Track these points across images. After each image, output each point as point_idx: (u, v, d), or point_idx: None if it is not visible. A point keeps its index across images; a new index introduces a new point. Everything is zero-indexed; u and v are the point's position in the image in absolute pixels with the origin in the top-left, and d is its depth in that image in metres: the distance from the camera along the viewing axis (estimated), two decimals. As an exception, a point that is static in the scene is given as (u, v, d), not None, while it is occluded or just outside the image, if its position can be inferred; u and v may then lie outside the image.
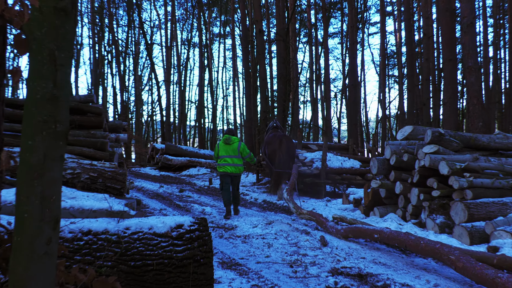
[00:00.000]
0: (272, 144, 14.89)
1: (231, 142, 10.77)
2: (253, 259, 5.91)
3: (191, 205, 11.59)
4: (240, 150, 10.81)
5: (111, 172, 7.77)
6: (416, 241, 5.69)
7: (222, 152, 10.74)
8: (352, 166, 15.08)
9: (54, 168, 1.95)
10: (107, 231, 3.61)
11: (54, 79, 1.94)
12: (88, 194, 6.52)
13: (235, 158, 10.72)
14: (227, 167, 10.63)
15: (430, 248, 5.42)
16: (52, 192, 1.94)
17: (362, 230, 6.91)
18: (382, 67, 36.50)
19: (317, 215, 8.84)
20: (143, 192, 14.96)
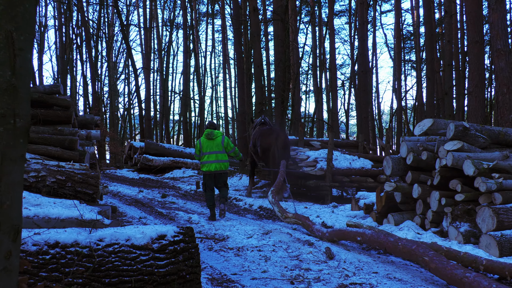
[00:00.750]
0: (268, 138, 15.17)
1: (214, 136, 11.26)
2: (248, 275, 5.92)
3: (175, 212, 11.60)
4: (224, 145, 11.29)
5: (81, 175, 7.76)
6: (395, 243, 6.35)
7: (205, 149, 11.20)
8: (363, 167, 15.11)
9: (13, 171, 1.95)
10: (77, 243, 3.61)
11: (12, 65, 1.93)
12: (55, 201, 6.51)
13: (220, 154, 11.20)
14: (212, 164, 11.15)
15: (407, 250, 6.09)
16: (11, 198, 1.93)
17: (345, 232, 7.65)
18: (397, 51, 36.58)
19: (303, 218, 9.39)
20: (119, 197, 14.95)
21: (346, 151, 16.38)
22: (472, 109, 15.70)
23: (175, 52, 47.69)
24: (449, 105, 24.93)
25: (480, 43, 15.97)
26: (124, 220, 10.30)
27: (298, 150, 15.63)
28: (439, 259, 5.59)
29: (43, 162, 8.20)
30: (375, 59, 42.22)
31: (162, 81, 41.89)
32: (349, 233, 7.54)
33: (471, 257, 5.95)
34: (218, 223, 9.99)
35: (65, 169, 7.86)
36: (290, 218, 9.97)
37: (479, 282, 4.74)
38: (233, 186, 19.05)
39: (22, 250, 3.45)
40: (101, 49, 43.24)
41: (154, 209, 12.26)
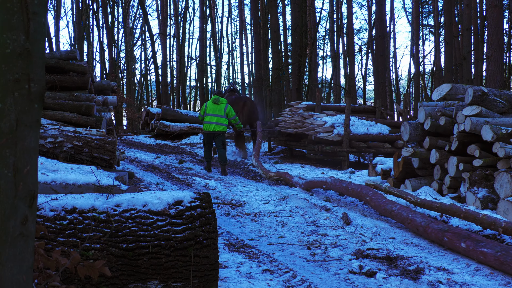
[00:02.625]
0: (234, 106, 16.36)
1: (219, 102, 13.10)
2: (265, 240, 5.93)
3: (192, 178, 11.63)
4: (227, 112, 13.11)
5: (98, 141, 7.77)
6: (346, 187, 8.30)
7: (208, 110, 13.08)
8: (380, 132, 15.03)
9: (28, 136, 1.93)
10: (94, 208, 3.62)
11: (26, 30, 1.90)
12: (72, 166, 6.54)
13: (220, 118, 13.00)
14: (212, 125, 12.98)
15: (355, 192, 7.99)
16: (27, 163, 1.92)
17: (314, 182, 9.60)
18: (415, 15, 36.06)
19: (283, 174, 11.26)
20: (136, 163, 15.02)
21: (363, 117, 16.28)
22: (490, 74, 15.51)
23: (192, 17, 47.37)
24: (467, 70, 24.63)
25: (499, 7, 15.70)
26: (141, 186, 10.35)
27: (315, 116, 15.57)
28: (376, 198, 7.34)
29: (60, 128, 8.22)
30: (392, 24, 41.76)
31: (179, 47, 41.71)
32: (316, 182, 9.48)
33: (490, 219, 5.91)
34: (235, 188, 10.01)
35: (82, 135, 7.88)
36: (273, 176, 11.69)
37: (401, 213, 6.55)
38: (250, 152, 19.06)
39: (40, 216, 3.46)
40: (117, 15, 43.07)
41: (171, 175, 12.31)
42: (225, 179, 11.68)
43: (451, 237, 5.49)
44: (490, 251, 4.90)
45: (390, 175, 10.74)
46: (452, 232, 5.55)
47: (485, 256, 4.95)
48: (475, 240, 5.20)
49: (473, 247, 5.12)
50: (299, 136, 16.86)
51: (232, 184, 10.79)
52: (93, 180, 5.50)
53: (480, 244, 5.07)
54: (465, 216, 6.29)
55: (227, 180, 11.51)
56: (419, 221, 6.12)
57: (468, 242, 5.23)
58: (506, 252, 4.78)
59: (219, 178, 11.89)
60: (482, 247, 5.01)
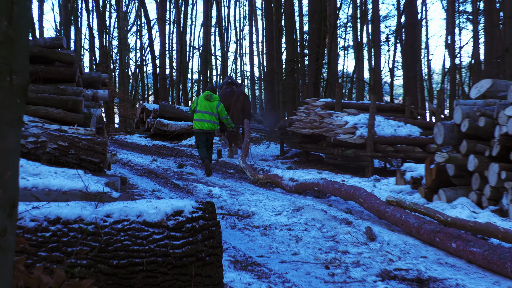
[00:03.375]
0: (227, 99, 17.56)
1: (212, 99, 13.82)
2: (276, 257, 5.93)
3: (193, 185, 11.65)
4: (219, 110, 13.85)
5: (86, 141, 7.79)
6: (339, 189, 9.12)
7: (200, 107, 13.74)
8: (409, 134, 15.00)
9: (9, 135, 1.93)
10: (81, 219, 3.62)
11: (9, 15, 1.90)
12: (56, 170, 6.55)
13: (213, 115, 13.73)
14: (204, 123, 13.68)
15: (348, 194, 8.81)
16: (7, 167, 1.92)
17: (306, 184, 10.48)
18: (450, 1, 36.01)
19: (272, 176, 12.07)
20: (130, 167, 15.05)
21: (390, 116, 16.26)
22: (538, 68, 15.42)
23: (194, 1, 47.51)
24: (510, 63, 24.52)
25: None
26: (135, 193, 10.36)
27: (335, 115, 15.55)
28: (369, 199, 8.12)
29: (43, 125, 8.24)
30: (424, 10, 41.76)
31: (179, 34, 41.76)
32: (308, 184, 10.39)
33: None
34: (242, 197, 10.00)
35: (68, 134, 7.89)
36: (262, 179, 12.40)
37: (394, 215, 7.32)
38: (260, 155, 19.09)
39: (19, 227, 3.47)
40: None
41: (170, 181, 12.33)
42: (231, 187, 11.69)
43: (442, 238, 6.23)
44: (478, 250, 5.60)
45: (421, 184, 10.70)
46: (443, 232, 6.28)
47: (473, 256, 5.65)
48: (465, 240, 5.92)
49: (463, 247, 5.84)
50: (316, 138, 16.85)
51: (239, 192, 10.79)
52: (80, 186, 5.51)
53: (469, 244, 5.77)
54: (504, 236, 6.24)
55: (234, 188, 11.51)
56: (412, 222, 6.89)
57: (459, 242, 5.93)
58: (493, 251, 5.45)
59: (224, 185, 11.90)
60: (471, 246, 5.71)
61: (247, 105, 18.50)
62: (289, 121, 18.80)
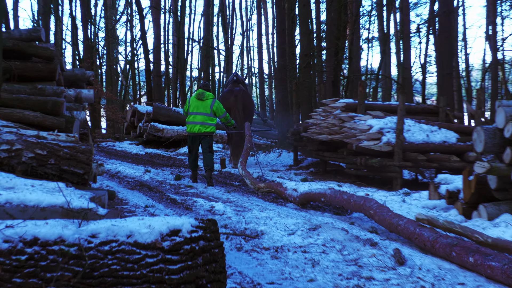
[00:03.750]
0: (226, 101, 17.99)
1: (204, 98, 14.28)
2: (289, 285, 5.91)
3: (193, 199, 11.65)
4: (214, 109, 14.28)
5: (68, 149, 7.79)
6: (348, 200, 9.43)
7: (192, 108, 14.22)
8: (445, 140, 14.96)
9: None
10: (62, 239, 3.62)
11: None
12: (33, 183, 6.55)
13: (207, 116, 14.19)
14: (196, 125, 14.18)
15: (358, 205, 9.08)
16: (-26, 179, 1.93)
17: (311, 194, 10.85)
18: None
19: (275, 185, 12.45)
20: (119, 179, 15.08)
21: (422, 120, 16.23)
22: None
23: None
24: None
25: None
26: (125, 209, 10.37)
27: (357, 118, 15.53)
28: (381, 211, 8.38)
29: (18, 131, 8.25)
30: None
31: (177, 25, 41.89)
32: (314, 194, 10.75)
33: None
34: (249, 214, 9.99)
35: (47, 141, 7.89)
36: (262, 188, 12.89)
37: (408, 228, 7.56)
38: (270, 165, 19.11)
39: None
40: (95, -18, 43.41)
41: (165, 195, 12.34)
42: (236, 202, 11.69)
43: (459, 252, 6.47)
44: (498, 264, 5.80)
45: (459, 198, 10.66)
46: (460, 246, 6.51)
47: (492, 270, 5.86)
48: (483, 253, 6.12)
49: (481, 261, 6.04)
50: (336, 145, 16.85)
51: (245, 208, 10.78)
52: (61, 202, 5.51)
53: (488, 258, 5.99)
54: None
55: (239, 203, 11.51)
56: (426, 235, 7.15)
57: (477, 256, 6.14)
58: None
59: (228, 200, 11.90)
60: (490, 260, 5.93)
61: (249, 103, 19.01)
62: (304, 126, 18.78)
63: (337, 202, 9.90)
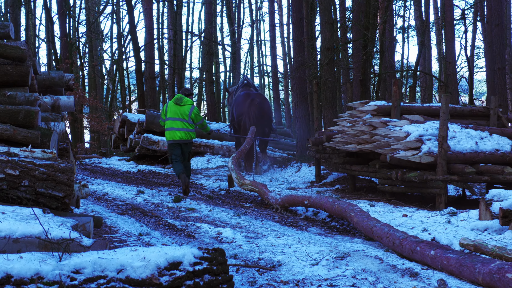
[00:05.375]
0: (241, 105, 19.34)
1: (182, 103, 15.80)
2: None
3: (196, 225, 11.65)
4: (192, 116, 15.88)
5: (45, 168, 7.82)
6: (332, 203, 11.23)
7: (170, 113, 15.67)
8: (497, 149, 14.88)
9: None
10: (40, 277, 3.62)
11: None
12: (3, 209, 6.57)
13: (185, 122, 15.81)
14: (176, 132, 15.76)
15: (340, 209, 10.86)
16: None
17: (295, 197, 12.66)
18: (551, -40, 35.94)
19: (259, 185, 14.34)
20: (107, 202, 15.08)
21: (469, 124, 16.18)
22: None
23: (192, -31, 47.76)
24: None
25: None
26: (114, 239, 10.37)
27: (391, 124, 15.50)
28: (361, 214, 10.10)
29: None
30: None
31: (173, 17, 41.95)
32: (298, 198, 12.54)
33: None
34: (263, 241, 9.96)
35: (19, 159, 7.91)
36: (247, 185, 14.99)
37: (382, 229, 9.09)
38: (287, 181, 19.11)
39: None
40: (74, -33, 43.54)
41: (163, 220, 12.33)
42: (248, 226, 11.65)
43: (423, 247, 7.95)
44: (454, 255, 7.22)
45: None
46: (426, 243, 8.07)
47: (448, 261, 7.25)
48: (444, 248, 7.67)
49: (440, 254, 7.46)
50: (366, 157, 16.82)
51: (259, 233, 10.76)
52: (37, 231, 5.52)
53: (448, 251, 7.45)
54: None
55: (252, 228, 11.48)
56: (398, 235, 8.67)
57: (438, 250, 7.62)
58: (468, 256, 7.04)
59: (238, 225, 11.88)
60: (449, 253, 7.37)
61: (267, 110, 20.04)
62: (327, 134, 18.70)
63: (321, 205, 11.69)
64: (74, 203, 8.80)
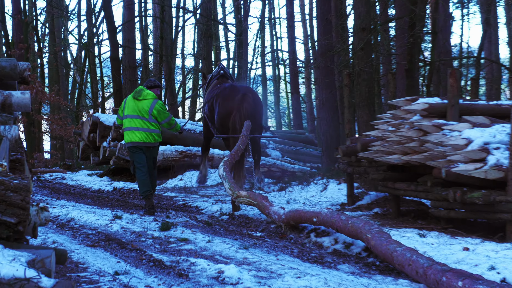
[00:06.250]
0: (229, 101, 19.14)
1: (141, 97, 15.78)
2: None
3: (189, 261, 11.63)
4: (154, 113, 16.06)
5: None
6: (346, 221, 11.66)
7: (128, 110, 16.02)
8: None
9: None
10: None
11: None
12: None
13: (146, 121, 16.09)
14: (135, 133, 16.10)
15: (354, 229, 11.26)
16: None
17: (302, 213, 13.05)
18: None
19: (258, 197, 14.83)
20: (73, 231, 15.09)
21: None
22: None
23: None
24: None
25: None
26: (82, 279, 10.36)
27: (447, 128, 15.44)
28: (379, 236, 10.40)
29: None
30: None
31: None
32: (305, 213, 13.00)
33: None
34: (279, 282, 9.90)
35: (-41, 174, 7.92)
36: (243, 198, 15.34)
37: (404, 255, 9.35)
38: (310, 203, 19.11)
39: None
40: None
41: (146, 255, 12.31)
42: (258, 263, 11.60)
43: (449, 277, 8.24)
44: None
45: None
46: (453, 272, 8.34)
47: None
48: (474, 278, 7.96)
49: (469, 285, 7.74)
50: (414, 171, 16.74)
51: (272, 272, 10.73)
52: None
53: (477, 282, 7.76)
54: None
55: (263, 265, 11.42)
56: (421, 262, 9.02)
57: (466, 280, 7.91)
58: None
59: (245, 261, 11.83)
60: (479, 284, 7.67)
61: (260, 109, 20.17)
62: (363, 141, 18.57)
63: (331, 223, 12.23)
64: (31, 231, 8.80)
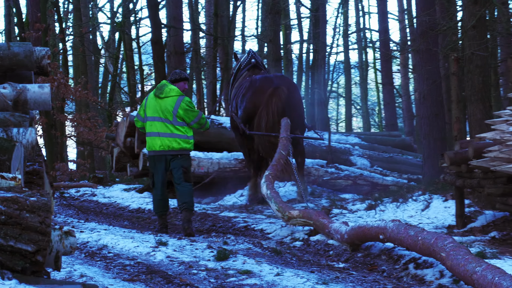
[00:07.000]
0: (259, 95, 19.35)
1: (163, 94, 15.29)
2: None
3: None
4: (180, 114, 15.28)
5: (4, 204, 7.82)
6: (415, 237, 11.73)
7: (150, 112, 15.47)
8: None
9: None
10: None
11: None
12: None
13: (170, 124, 15.17)
14: (155, 139, 15.46)
15: (426, 246, 11.31)
16: None
17: (365, 229, 13.54)
18: None
19: (314, 215, 15.20)
20: (105, 261, 15.09)
21: None
22: None
23: None
24: None
25: None
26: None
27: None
28: (455, 254, 10.34)
29: None
30: None
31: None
32: (369, 230, 13.46)
33: None
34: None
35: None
36: (296, 218, 15.60)
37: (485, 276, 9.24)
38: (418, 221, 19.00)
39: None
40: None
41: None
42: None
43: None
44: None
45: None
46: None
47: None
48: None
49: None
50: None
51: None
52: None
53: None
54: None
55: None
56: (505, 285, 8.82)
57: None
58: None
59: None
60: None
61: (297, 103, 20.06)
62: (476, 146, 18.32)
63: (400, 242, 12.48)
64: (52, 262, 8.80)
